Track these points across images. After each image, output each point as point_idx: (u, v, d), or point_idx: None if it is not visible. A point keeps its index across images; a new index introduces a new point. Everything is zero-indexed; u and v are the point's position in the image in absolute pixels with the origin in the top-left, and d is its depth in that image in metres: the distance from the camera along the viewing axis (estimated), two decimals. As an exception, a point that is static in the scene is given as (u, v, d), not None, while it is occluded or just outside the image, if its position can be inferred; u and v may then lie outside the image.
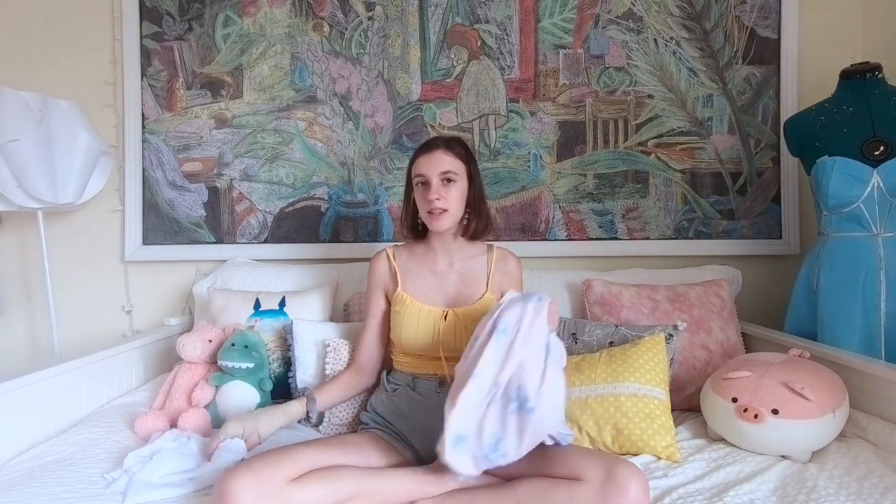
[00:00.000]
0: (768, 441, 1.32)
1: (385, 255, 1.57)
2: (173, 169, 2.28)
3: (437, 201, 1.41)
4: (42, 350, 2.31)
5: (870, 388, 1.43)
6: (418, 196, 1.47)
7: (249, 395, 1.61)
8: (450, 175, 1.43)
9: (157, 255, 2.28)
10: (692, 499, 1.16)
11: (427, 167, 1.44)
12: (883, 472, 1.20)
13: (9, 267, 2.32)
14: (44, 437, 1.46)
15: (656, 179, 2.22)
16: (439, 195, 1.42)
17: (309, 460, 1.14)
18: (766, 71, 2.20)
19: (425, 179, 1.44)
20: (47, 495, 1.17)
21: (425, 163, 1.45)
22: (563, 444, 1.16)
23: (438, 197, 1.41)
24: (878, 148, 1.66)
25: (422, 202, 1.45)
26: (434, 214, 1.43)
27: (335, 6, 2.25)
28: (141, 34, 2.27)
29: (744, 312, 2.00)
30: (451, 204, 1.44)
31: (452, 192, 1.44)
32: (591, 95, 2.22)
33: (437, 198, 1.41)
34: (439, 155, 1.44)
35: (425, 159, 1.45)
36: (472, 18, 2.23)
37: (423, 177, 1.44)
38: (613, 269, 2.11)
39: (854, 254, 1.69)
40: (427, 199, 1.42)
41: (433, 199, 1.41)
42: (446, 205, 1.43)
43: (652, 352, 1.51)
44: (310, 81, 2.26)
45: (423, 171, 1.44)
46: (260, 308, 1.87)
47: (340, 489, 1.11)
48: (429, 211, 1.43)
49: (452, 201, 1.44)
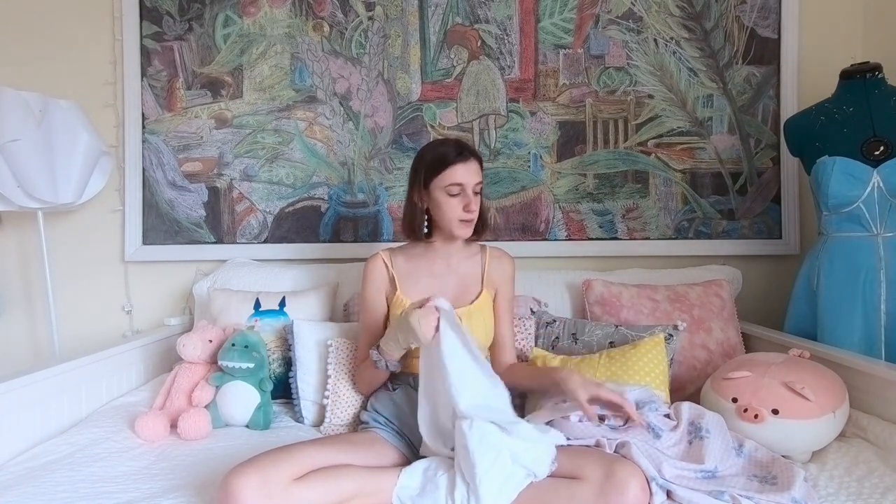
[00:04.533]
0: (768, 441, 1.32)
1: (381, 259, 1.56)
2: (173, 169, 2.28)
3: (472, 213, 1.45)
4: (42, 350, 2.30)
5: (870, 388, 1.43)
6: (451, 203, 1.45)
7: (250, 396, 1.61)
8: (481, 186, 1.49)
9: (157, 255, 2.28)
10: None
11: (467, 176, 1.45)
12: (883, 472, 1.20)
13: (9, 267, 2.32)
14: (44, 437, 1.46)
15: (656, 179, 2.22)
16: (474, 206, 1.46)
17: (312, 459, 1.14)
18: (766, 71, 2.20)
19: (463, 189, 1.45)
20: (47, 495, 1.17)
21: (464, 172, 1.44)
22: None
23: (475, 208, 1.46)
24: (879, 148, 1.66)
25: (454, 209, 1.45)
26: (466, 223, 1.46)
27: (335, 6, 2.25)
28: (141, 34, 2.26)
29: (744, 312, 2.00)
30: (478, 213, 1.49)
31: (480, 201, 1.49)
32: (591, 95, 2.22)
33: (473, 209, 1.45)
34: (475, 166, 1.47)
35: (464, 168, 1.45)
36: (472, 18, 2.23)
37: (461, 186, 1.45)
38: (613, 269, 2.10)
39: (854, 254, 1.69)
40: (467, 209, 1.45)
41: (474, 210, 1.45)
42: (475, 216, 1.48)
43: (651, 353, 1.51)
44: (310, 81, 2.26)
45: (463, 180, 1.44)
46: (260, 308, 1.87)
47: (344, 488, 1.12)
48: (461, 220, 1.45)
49: (478, 210, 1.49)
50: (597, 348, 1.63)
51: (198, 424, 1.51)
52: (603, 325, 1.71)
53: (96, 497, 1.18)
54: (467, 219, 1.45)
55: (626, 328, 1.66)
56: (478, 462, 1.08)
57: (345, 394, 1.60)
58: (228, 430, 1.58)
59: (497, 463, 1.10)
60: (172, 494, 1.18)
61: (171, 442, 1.49)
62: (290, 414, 1.73)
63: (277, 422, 1.67)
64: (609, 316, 1.82)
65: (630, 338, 1.61)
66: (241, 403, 1.60)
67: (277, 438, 1.54)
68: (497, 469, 1.09)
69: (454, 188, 1.44)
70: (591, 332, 1.69)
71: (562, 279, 2.03)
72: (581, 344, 1.67)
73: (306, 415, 1.67)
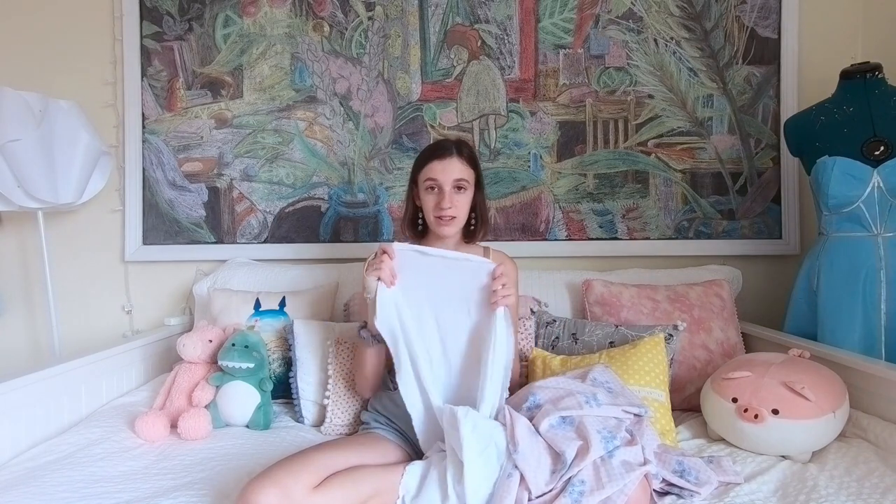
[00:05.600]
0: (768, 441, 1.32)
1: None
2: (173, 169, 2.28)
3: (449, 209, 1.43)
4: (42, 350, 2.30)
5: (870, 388, 1.43)
6: (427, 199, 1.46)
7: (250, 396, 1.61)
8: (462, 183, 1.46)
9: (157, 255, 2.28)
10: (693, 499, 1.16)
11: (441, 174, 1.44)
12: (883, 472, 1.20)
13: (9, 267, 2.32)
14: (44, 437, 1.46)
15: (656, 179, 2.22)
16: (451, 203, 1.44)
17: (326, 466, 1.13)
18: (766, 71, 2.20)
19: (438, 185, 1.44)
20: (47, 495, 1.17)
21: (440, 169, 1.44)
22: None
23: (451, 205, 1.44)
24: (879, 148, 1.66)
25: (432, 207, 1.45)
26: (443, 220, 1.44)
27: (335, 6, 2.25)
28: (141, 34, 2.27)
29: (744, 312, 2.00)
30: (460, 211, 1.46)
31: (463, 199, 1.46)
32: (592, 95, 2.22)
33: (449, 206, 1.43)
34: (454, 162, 1.45)
35: (440, 165, 1.44)
36: (472, 18, 2.23)
37: (435, 182, 1.44)
38: (613, 269, 2.10)
39: (854, 254, 1.69)
40: (440, 207, 1.43)
41: (446, 207, 1.43)
42: (456, 212, 1.45)
43: (651, 353, 1.50)
44: (310, 81, 2.26)
45: (438, 176, 1.44)
46: (260, 308, 1.87)
47: (362, 490, 1.12)
48: (438, 217, 1.44)
49: (462, 208, 1.46)
50: (597, 348, 1.63)
51: (198, 424, 1.51)
52: (603, 325, 1.71)
53: (96, 497, 1.18)
54: (440, 215, 1.44)
55: (626, 328, 1.66)
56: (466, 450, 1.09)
57: (345, 394, 1.60)
58: (228, 430, 1.58)
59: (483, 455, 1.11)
60: (172, 494, 1.18)
61: (171, 442, 1.49)
62: (290, 414, 1.73)
63: (277, 422, 1.67)
64: (609, 316, 1.82)
65: (630, 338, 1.61)
66: (241, 403, 1.60)
67: (278, 438, 1.54)
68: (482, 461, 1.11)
69: (429, 183, 1.45)
70: (591, 332, 1.69)
71: (562, 279, 2.03)
72: (581, 344, 1.67)
73: (306, 415, 1.67)
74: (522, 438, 1.13)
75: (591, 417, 1.17)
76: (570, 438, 1.13)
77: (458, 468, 1.10)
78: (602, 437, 1.12)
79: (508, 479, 1.09)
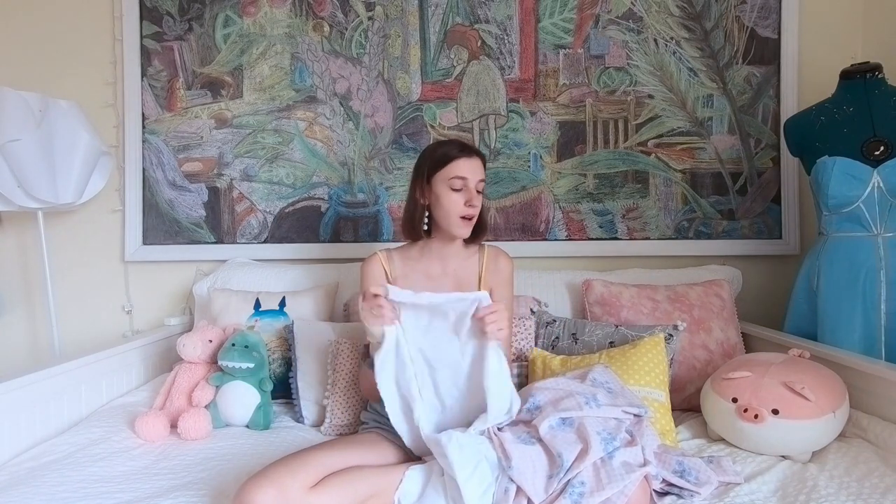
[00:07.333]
0: (768, 441, 1.32)
1: (378, 260, 1.55)
2: (173, 169, 2.28)
3: (474, 209, 1.44)
4: (42, 350, 2.30)
5: (870, 388, 1.43)
6: (452, 198, 1.44)
7: (250, 396, 1.61)
8: (482, 185, 1.48)
9: (157, 255, 2.28)
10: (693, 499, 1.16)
11: (471, 171, 1.44)
12: (883, 472, 1.20)
13: (9, 267, 2.32)
14: (44, 437, 1.46)
15: (656, 179, 2.22)
16: (476, 202, 1.45)
17: (324, 465, 1.13)
18: (766, 71, 2.20)
19: (466, 184, 1.44)
20: (47, 495, 1.17)
21: (468, 167, 1.44)
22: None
23: (476, 203, 1.45)
24: (879, 148, 1.66)
25: (456, 205, 1.44)
26: (466, 220, 1.45)
27: (335, 6, 2.25)
28: (141, 34, 2.27)
29: (744, 312, 2.00)
30: (478, 211, 1.48)
31: (481, 201, 1.48)
32: (591, 95, 2.22)
33: (475, 204, 1.44)
34: (478, 162, 1.47)
35: (468, 164, 1.44)
36: (472, 18, 2.23)
37: (465, 180, 1.44)
38: (613, 269, 2.10)
39: (854, 254, 1.69)
40: (470, 205, 1.44)
41: (476, 205, 1.44)
42: (477, 212, 1.47)
43: (651, 353, 1.50)
44: (310, 81, 2.26)
45: (467, 174, 1.44)
46: (260, 308, 1.87)
47: (359, 490, 1.12)
48: (463, 216, 1.44)
49: (479, 209, 1.48)
50: (597, 348, 1.63)
51: (198, 424, 1.51)
52: (603, 325, 1.71)
53: (96, 497, 1.18)
54: (468, 214, 1.44)
55: (626, 328, 1.66)
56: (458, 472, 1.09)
57: (345, 394, 1.60)
58: (228, 430, 1.58)
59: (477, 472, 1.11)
60: (172, 494, 1.18)
61: (171, 442, 1.49)
62: (290, 414, 1.73)
63: (277, 422, 1.67)
64: (609, 316, 1.82)
65: (630, 338, 1.61)
66: (241, 403, 1.60)
67: (278, 438, 1.54)
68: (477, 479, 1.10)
69: (457, 182, 1.43)
70: (591, 332, 1.69)
71: (562, 279, 2.03)
72: (581, 344, 1.67)
73: (306, 415, 1.67)
74: (513, 452, 1.13)
75: (591, 418, 1.17)
76: (570, 441, 1.13)
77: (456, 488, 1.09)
78: (602, 438, 1.12)
79: (506, 495, 1.09)
